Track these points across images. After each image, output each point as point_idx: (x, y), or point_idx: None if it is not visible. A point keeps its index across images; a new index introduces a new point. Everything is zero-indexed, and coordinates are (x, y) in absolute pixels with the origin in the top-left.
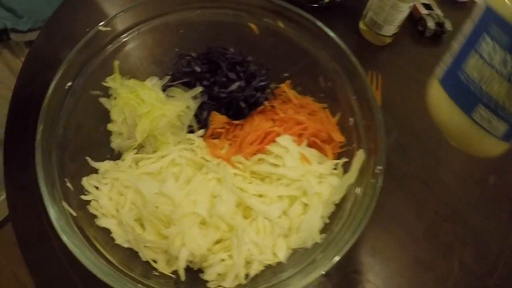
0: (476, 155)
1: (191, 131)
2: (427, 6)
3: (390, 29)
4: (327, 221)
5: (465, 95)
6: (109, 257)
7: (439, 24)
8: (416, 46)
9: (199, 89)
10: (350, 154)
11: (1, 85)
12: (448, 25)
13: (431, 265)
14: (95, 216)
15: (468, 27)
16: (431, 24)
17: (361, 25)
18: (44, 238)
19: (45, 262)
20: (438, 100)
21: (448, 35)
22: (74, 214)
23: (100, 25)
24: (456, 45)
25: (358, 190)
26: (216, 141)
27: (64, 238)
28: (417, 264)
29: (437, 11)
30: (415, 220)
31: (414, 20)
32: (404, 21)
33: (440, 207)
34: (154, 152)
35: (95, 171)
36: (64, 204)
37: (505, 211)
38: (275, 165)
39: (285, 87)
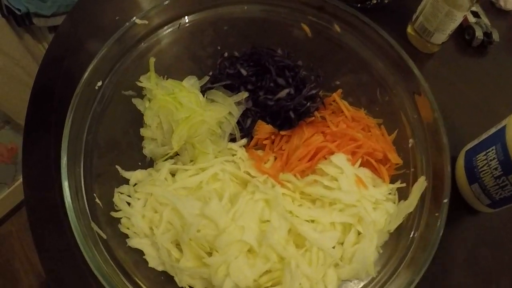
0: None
1: (232, 139)
2: (475, 14)
3: (440, 38)
4: (381, 251)
5: (471, 172)
6: (139, 281)
7: (487, 34)
8: (462, 55)
9: (245, 94)
10: (406, 179)
11: (22, 71)
12: (495, 36)
13: None
14: (126, 235)
15: (492, 130)
16: (479, 33)
17: (409, 30)
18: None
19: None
20: (459, 164)
21: (494, 46)
22: (104, 236)
23: (136, 18)
24: (482, 137)
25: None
26: (260, 152)
27: (92, 266)
28: None
29: (485, 20)
30: (457, 243)
31: (461, 28)
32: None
33: (482, 230)
34: (191, 161)
35: (126, 180)
36: (93, 225)
37: None
38: (329, 188)
39: (336, 96)
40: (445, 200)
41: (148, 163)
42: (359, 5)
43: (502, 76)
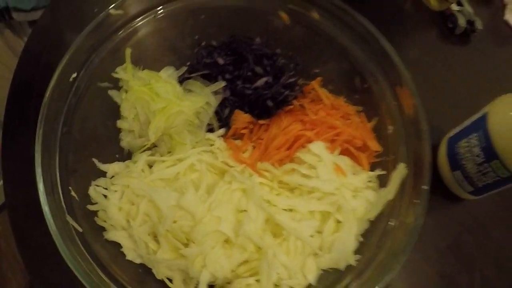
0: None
1: (210, 129)
2: (458, 2)
3: None
4: (361, 239)
5: (453, 159)
6: (118, 276)
7: (470, 22)
8: (444, 44)
9: (222, 83)
10: (385, 166)
11: (2, 66)
12: (478, 24)
13: (454, 279)
14: (103, 229)
15: (474, 117)
16: (462, 22)
17: None
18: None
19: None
20: (441, 151)
21: (477, 34)
22: (80, 229)
23: (111, 8)
24: (464, 124)
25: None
26: (238, 142)
27: (68, 261)
28: (441, 277)
29: (468, 8)
30: (440, 231)
31: (444, 16)
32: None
33: (466, 218)
34: (169, 152)
35: (103, 173)
36: (69, 218)
37: None
38: (307, 176)
39: (315, 84)
40: (425, 187)
41: (126, 156)
42: None
43: (484, 64)
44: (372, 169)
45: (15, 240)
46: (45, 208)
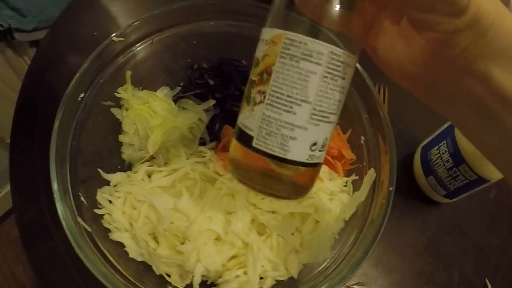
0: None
1: (202, 143)
2: None
3: None
4: (337, 237)
5: (426, 166)
6: (122, 270)
7: None
8: None
9: (212, 102)
10: (360, 172)
11: (4, 84)
12: None
13: (432, 277)
14: (108, 230)
15: (444, 126)
16: None
17: None
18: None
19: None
20: (416, 159)
21: None
22: (89, 229)
23: (114, 35)
24: (436, 133)
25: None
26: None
27: (79, 253)
28: (419, 276)
29: None
30: (418, 232)
31: None
32: None
33: (443, 220)
34: (166, 164)
35: (107, 182)
36: (79, 219)
37: (505, 224)
38: None
39: None
40: (391, 188)
41: (126, 167)
42: None
43: None
44: (348, 175)
45: (23, 246)
46: (60, 210)
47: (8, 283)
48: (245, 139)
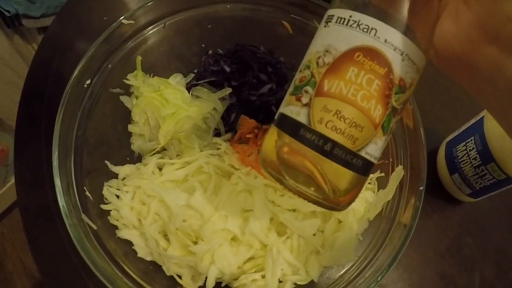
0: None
1: (217, 134)
2: None
3: None
4: (361, 238)
5: (451, 163)
6: (129, 271)
7: None
8: None
9: (228, 90)
10: (384, 169)
11: (12, 71)
12: None
13: (453, 279)
14: (115, 227)
15: (471, 122)
16: None
17: None
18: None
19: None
20: (440, 155)
21: None
22: (94, 227)
23: (123, 18)
24: (462, 129)
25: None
26: (243, 146)
27: (82, 252)
28: (440, 278)
29: None
30: (440, 233)
31: None
32: None
33: (465, 220)
34: (178, 155)
35: (115, 175)
36: (84, 216)
37: None
38: None
39: None
40: (421, 188)
41: (136, 159)
42: None
43: None
44: (372, 171)
45: (27, 239)
46: (62, 206)
47: (17, 272)
48: None
